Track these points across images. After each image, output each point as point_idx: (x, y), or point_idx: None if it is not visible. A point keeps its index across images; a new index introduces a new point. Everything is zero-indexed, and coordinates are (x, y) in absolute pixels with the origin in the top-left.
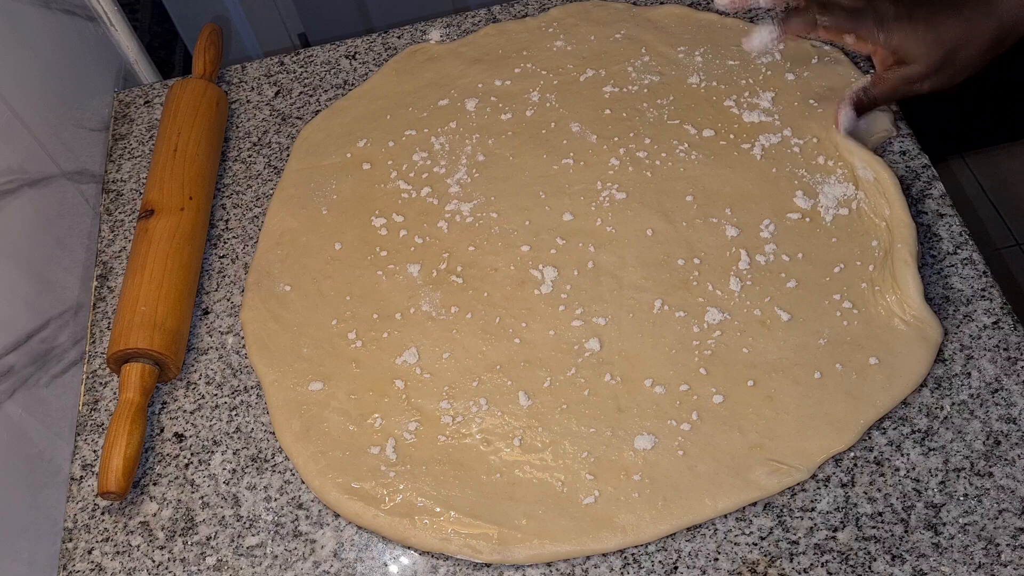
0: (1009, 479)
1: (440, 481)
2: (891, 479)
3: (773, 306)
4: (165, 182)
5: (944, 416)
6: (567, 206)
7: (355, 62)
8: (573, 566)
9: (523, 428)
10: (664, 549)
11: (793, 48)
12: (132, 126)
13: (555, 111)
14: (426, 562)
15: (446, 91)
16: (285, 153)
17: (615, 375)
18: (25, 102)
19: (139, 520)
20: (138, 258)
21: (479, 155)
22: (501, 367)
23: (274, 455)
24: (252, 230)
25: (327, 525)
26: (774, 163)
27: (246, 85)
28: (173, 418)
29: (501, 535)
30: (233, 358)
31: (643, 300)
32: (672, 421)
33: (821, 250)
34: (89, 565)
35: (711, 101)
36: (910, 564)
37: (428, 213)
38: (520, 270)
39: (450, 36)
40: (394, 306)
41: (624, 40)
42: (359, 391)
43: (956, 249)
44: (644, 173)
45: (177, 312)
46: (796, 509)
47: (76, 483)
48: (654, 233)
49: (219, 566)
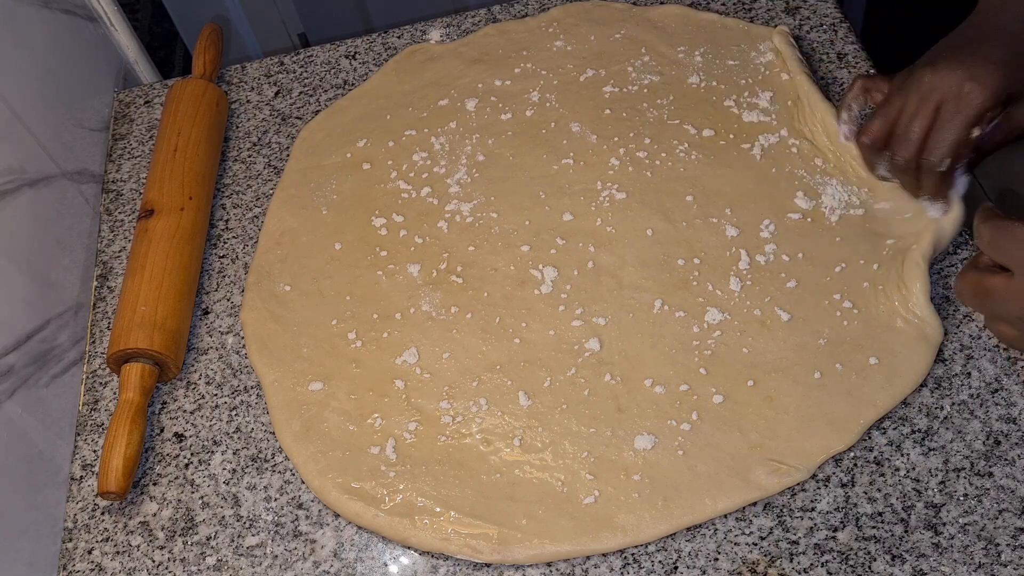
0: (1009, 479)
1: (440, 481)
2: (891, 479)
3: (773, 306)
4: (165, 182)
5: (944, 416)
6: (567, 206)
7: (355, 62)
8: (573, 566)
9: (523, 428)
10: (664, 549)
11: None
12: (132, 126)
13: (555, 111)
14: (426, 562)
15: (446, 91)
16: (285, 153)
17: (615, 375)
18: (25, 102)
19: (139, 520)
20: (138, 258)
21: (479, 155)
22: (501, 367)
23: (274, 455)
24: (252, 230)
25: (327, 525)
26: (774, 163)
27: (246, 85)
28: (173, 418)
29: (501, 535)
30: (233, 358)
31: (643, 300)
32: (672, 421)
33: (822, 250)
34: (89, 565)
35: (711, 101)
36: (910, 564)
37: (428, 213)
38: (520, 270)
39: (450, 36)
40: (394, 306)
41: (624, 40)
42: (359, 391)
43: (956, 249)
44: (644, 173)
45: (177, 312)
46: (796, 509)
47: (76, 483)
48: (654, 233)
49: (219, 566)
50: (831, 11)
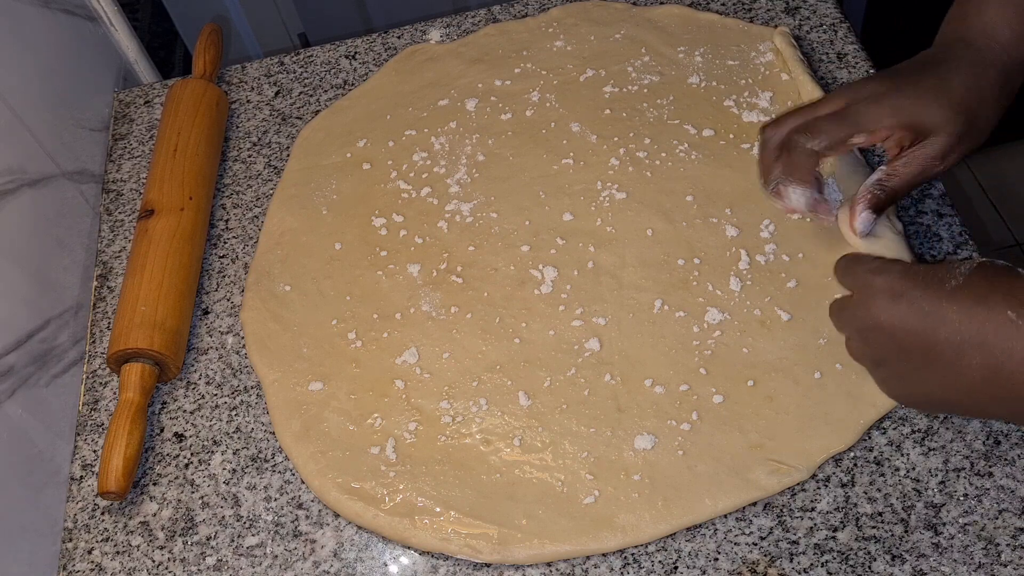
0: (1009, 479)
1: (440, 481)
2: (891, 479)
3: (773, 306)
4: (165, 182)
5: (944, 416)
6: (567, 206)
7: (355, 62)
8: (573, 566)
9: (523, 428)
10: (664, 549)
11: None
12: (132, 126)
13: (555, 111)
14: (426, 562)
15: (446, 91)
16: (285, 153)
17: (615, 375)
18: (25, 102)
19: (139, 520)
20: (138, 258)
21: (479, 155)
22: (501, 367)
23: (274, 455)
24: (252, 230)
25: (327, 525)
26: None
27: (246, 85)
28: (173, 418)
29: (501, 535)
30: (233, 358)
31: (643, 300)
32: (672, 421)
33: (822, 250)
34: (89, 565)
35: (711, 101)
36: (910, 564)
37: (428, 213)
38: (520, 270)
39: (450, 36)
40: (394, 306)
41: (624, 40)
42: (359, 391)
43: (956, 249)
44: (644, 173)
45: (177, 312)
46: (796, 509)
47: (76, 483)
48: (654, 233)
49: (219, 566)
50: (831, 11)
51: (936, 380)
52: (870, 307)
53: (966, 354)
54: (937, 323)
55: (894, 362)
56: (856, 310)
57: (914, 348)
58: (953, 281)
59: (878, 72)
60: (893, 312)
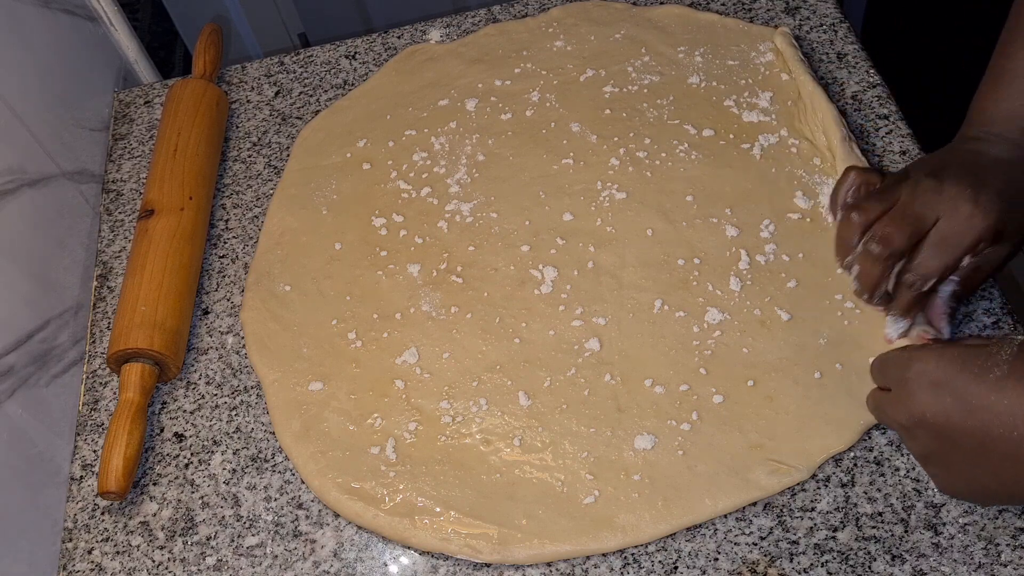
0: None
1: (440, 481)
2: (891, 479)
3: (773, 306)
4: (165, 182)
5: None
6: (567, 206)
7: (355, 62)
8: (573, 566)
9: (523, 428)
10: (664, 549)
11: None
12: (132, 126)
13: (555, 111)
14: (426, 562)
15: (446, 91)
16: (285, 153)
17: (615, 375)
18: (25, 102)
19: (139, 520)
20: (138, 258)
21: (479, 155)
22: (501, 367)
23: (274, 455)
24: (252, 230)
25: (327, 525)
26: (773, 163)
27: (246, 85)
28: (173, 418)
29: (501, 535)
30: (233, 358)
31: (643, 300)
32: (672, 421)
33: (822, 250)
34: (89, 565)
35: (711, 101)
36: (910, 564)
37: (428, 213)
38: (520, 270)
39: (450, 36)
40: (394, 306)
41: (624, 40)
42: (359, 391)
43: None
44: (644, 173)
45: (177, 312)
46: (796, 509)
47: (76, 483)
48: (654, 233)
49: (219, 566)
50: (831, 11)
51: (992, 474)
52: (911, 402)
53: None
54: (989, 419)
55: (944, 456)
56: (898, 405)
57: (965, 444)
58: (997, 370)
59: (941, 159)
60: (937, 406)
